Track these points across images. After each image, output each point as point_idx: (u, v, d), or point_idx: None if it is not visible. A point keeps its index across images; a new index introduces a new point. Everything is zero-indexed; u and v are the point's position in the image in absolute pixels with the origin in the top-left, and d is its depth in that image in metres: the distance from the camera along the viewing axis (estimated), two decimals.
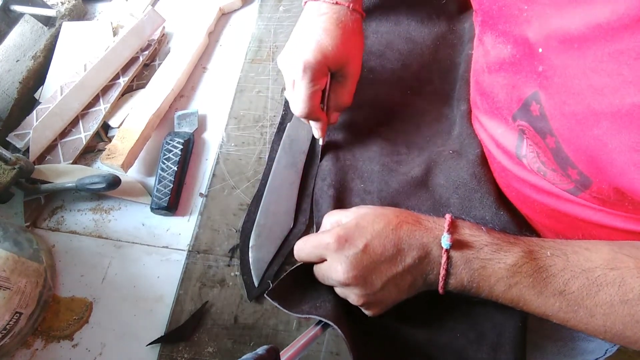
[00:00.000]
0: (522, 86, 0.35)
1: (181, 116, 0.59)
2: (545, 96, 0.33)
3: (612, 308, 0.33)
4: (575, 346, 0.54)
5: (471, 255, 0.37)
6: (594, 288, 0.33)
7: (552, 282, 0.35)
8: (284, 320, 0.46)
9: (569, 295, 0.34)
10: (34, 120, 0.60)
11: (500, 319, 0.42)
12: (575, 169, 0.32)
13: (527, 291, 0.36)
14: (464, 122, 0.51)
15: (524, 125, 0.36)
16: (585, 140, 0.30)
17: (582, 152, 0.31)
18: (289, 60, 0.47)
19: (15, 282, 0.45)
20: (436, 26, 0.60)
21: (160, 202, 0.52)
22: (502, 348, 0.41)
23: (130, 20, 0.70)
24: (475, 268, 0.37)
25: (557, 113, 0.32)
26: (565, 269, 0.35)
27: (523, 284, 0.36)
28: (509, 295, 0.37)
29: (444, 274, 0.37)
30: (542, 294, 0.35)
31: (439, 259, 0.37)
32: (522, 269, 0.36)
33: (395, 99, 0.56)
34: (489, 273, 0.37)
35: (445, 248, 0.37)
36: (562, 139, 0.32)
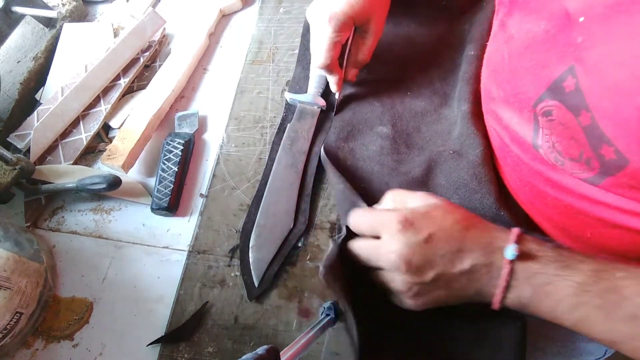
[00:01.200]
0: (554, 64, 0.34)
1: (182, 117, 0.59)
2: (582, 69, 0.31)
3: None
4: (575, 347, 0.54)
5: (536, 270, 0.34)
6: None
7: (624, 306, 0.32)
8: (284, 320, 0.46)
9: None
10: (35, 121, 0.60)
11: (500, 319, 0.42)
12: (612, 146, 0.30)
13: (595, 313, 0.33)
14: (465, 122, 0.51)
15: (553, 106, 0.34)
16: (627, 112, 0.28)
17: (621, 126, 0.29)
18: (317, 11, 0.50)
19: (15, 282, 0.45)
20: (436, 27, 0.61)
21: (160, 203, 0.52)
22: (502, 348, 0.41)
23: (131, 21, 0.70)
24: (539, 284, 0.34)
25: (596, 85, 0.30)
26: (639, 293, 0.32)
27: (590, 304, 0.33)
28: (574, 316, 0.34)
29: (504, 285, 0.35)
30: (612, 318, 0.32)
31: (500, 271, 0.35)
32: (592, 288, 0.33)
33: (395, 99, 0.56)
34: (554, 290, 0.34)
35: (509, 259, 0.35)
36: (599, 113, 0.30)
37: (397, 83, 0.57)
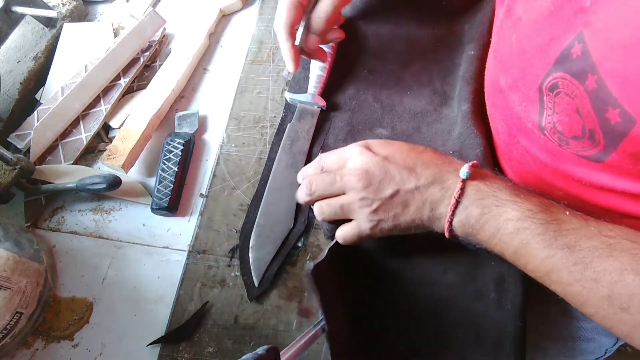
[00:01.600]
0: (562, 34, 0.34)
1: (182, 117, 0.59)
2: (589, 32, 0.31)
3: (621, 276, 0.30)
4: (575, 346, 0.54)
5: (487, 192, 0.36)
6: (606, 252, 0.31)
7: (563, 236, 0.33)
8: (284, 320, 0.46)
9: (578, 253, 0.32)
10: (35, 121, 0.60)
11: (501, 319, 0.42)
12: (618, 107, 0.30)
13: (535, 239, 0.34)
14: (465, 122, 0.51)
15: (558, 77, 0.35)
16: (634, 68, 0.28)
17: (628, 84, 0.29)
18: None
19: (15, 282, 0.45)
20: (436, 27, 0.61)
21: (160, 203, 0.52)
22: (503, 348, 0.41)
23: (131, 21, 0.70)
24: (487, 205, 0.36)
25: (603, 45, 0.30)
26: (580, 228, 0.33)
27: (533, 230, 0.34)
28: (515, 241, 0.35)
29: (454, 203, 0.37)
30: (550, 246, 0.33)
31: (453, 190, 0.37)
32: (537, 216, 0.34)
33: (394, 100, 0.56)
34: (501, 212, 0.35)
35: (462, 177, 0.37)
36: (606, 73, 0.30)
37: (397, 83, 0.57)
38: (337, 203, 0.42)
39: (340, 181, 0.41)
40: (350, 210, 0.41)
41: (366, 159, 0.40)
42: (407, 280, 0.45)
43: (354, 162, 0.41)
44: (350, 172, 0.40)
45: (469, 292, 0.43)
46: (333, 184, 0.42)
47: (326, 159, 0.44)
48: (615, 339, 0.54)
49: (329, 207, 0.42)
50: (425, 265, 0.45)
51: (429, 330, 0.43)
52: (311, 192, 0.43)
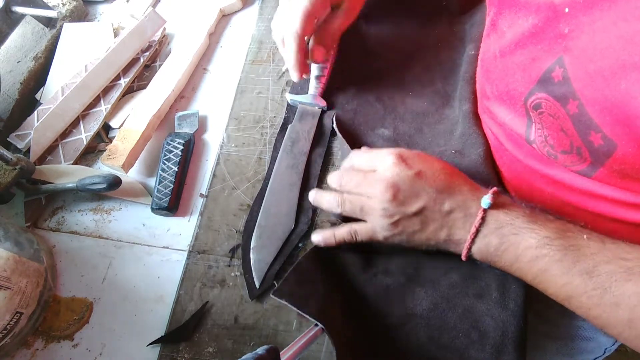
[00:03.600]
0: (543, 56, 0.35)
1: (182, 117, 0.59)
2: (570, 58, 0.32)
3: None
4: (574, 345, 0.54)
5: (506, 221, 0.37)
6: (625, 276, 0.32)
7: (582, 261, 0.33)
8: (284, 321, 0.46)
9: (597, 278, 0.32)
10: (35, 121, 0.60)
11: (504, 318, 0.42)
12: (599, 132, 0.31)
13: (554, 266, 0.34)
14: (467, 121, 0.51)
15: (542, 98, 0.35)
16: (612, 96, 0.29)
17: (607, 111, 0.30)
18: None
19: (16, 282, 0.45)
20: (437, 27, 0.61)
21: (160, 203, 0.52)
22: (506, 348, 0.41)
23: (131, 21, 0.70)
24: (506, 234, 0.36)
25: (582, 73, 0.31)
26: (598, 253, 0.33)
27: (551, 257, 0.34)
28: (534, 268, 0.35)
29: (474, 231, 0.37)
30: (569, 272, 0.34)
31: (474, 218, 0.38)
32: (554, 243, 0.35)
33: (396, 100, 0.56)
34: (519, 240, 0.36)
35: (483, 207, 0.37)
36: (586, 100, 0.31)
37: (398, 83, 0.57)
38: (359, 203, 0.42)
39: (368, 185, 0.41)
40: (370, 214, 0.41)
41: (398, 171, 0.40)
42: (409, 279, 0.45)
43: (386, 171, 0.40)
44: (380, 180, 0.40)
45: (471, 292, 0.43)
46: (361, 185, 0.42)
47: (358, 158, 0.44)
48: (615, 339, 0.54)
49: (351, 204, 0.42)
50: (427, 265, 0.45)
51: (431, 329, 0.43)
52: (341, 184, 0.43)
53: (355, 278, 0.46)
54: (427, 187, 0.39)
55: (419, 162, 0.41)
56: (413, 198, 0.39)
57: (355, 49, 0.60)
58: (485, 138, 0.49)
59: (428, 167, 0.40)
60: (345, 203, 0.42)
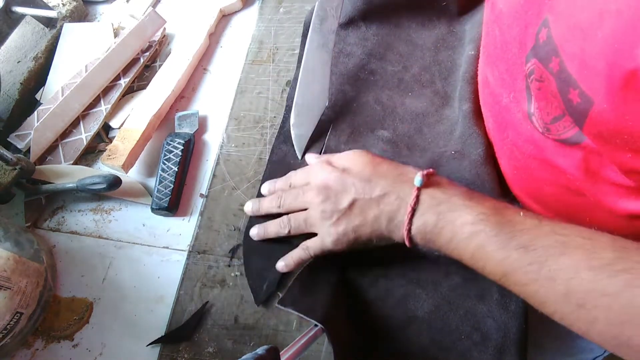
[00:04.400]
0: (534, 20, 0.35)
1: (182, 117, 0.59)
2: (553, 17, 0.32)
3: (576, 273, 0.31)
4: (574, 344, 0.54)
5: (441, 198, 0.38)
6: (560, 249, 0.32)
7: (518, 237, 0.34)
8: (284, 321, 0.46)
9: (532, 253, 0.33)
10: (35, 121, 0.60)
11: (505, 319, 0.42)
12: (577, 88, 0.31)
13: (490, 241, 0.35)
14: (466, 122, 0.51)
15: (533, 63, 0.36)
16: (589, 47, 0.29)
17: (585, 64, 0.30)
18: None
19: (16, 282, 0.45)
20: (436, 28, 0.61)
21: (160, 203, 0.52)
22: (508, 350, 0.41)
23: (131, 21, 0.70)
24: (442, 211, 0.37)
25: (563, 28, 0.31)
26: (534, 228, 0.34)
27: (487, 233, 0.35)
28: (471, 245, 0.36)
29: (410, 210, 0.38)
30: (505, 247, 0.34)
31: (408, 199, 0.39)
32: (490, 219, 0.35)
33: (396, 101, 0.56)
34: (456, 217, 0.37)
35: (416, 186, 0.38)
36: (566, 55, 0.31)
37: (398, 84, 0.57)
38: (302, 216, 0.44)
39: (303, 196, 0.44)
40: (313, 223, 0.43)
41: (326, 174, 0.43)
42: (410, 282, 0.45)
43: (315, 178, 0.43)
44: (311, 188, 0.43)
45: (472, 293, 0.43)
46: (297, 198, 0.45)
47: (294, 177, 0.47)
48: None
49: (295, 220, 0.45)
50: (428, 267, 0.45)
51: (433, 332, 0.43)
52: (279, 205, 0.46)
53: (357, 283, 0.46)
54: (354, 179, 0.41)
55: (344, 160, 0.44)
56: (343, 193, 0.41)
57: (354, 49, 0.60)
58: (485, 138, 0.49)
59: (353, 162, 0.43)
60: (290, 221, 0.45)
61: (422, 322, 0.43)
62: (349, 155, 0.44)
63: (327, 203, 0.42)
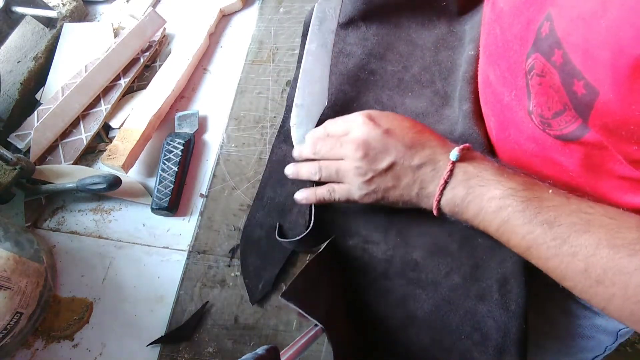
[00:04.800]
0: (536, 16, 0.36)
1: (182, 117, 0.59)
2: (555, 10, 0.33)
3: (596, 250, 0.32)
4: (574, 344, 0.54)
5: (474, 173, 0.38)
6: (584, 227, 0.33)
7: (544, 212, 0.35)
8: (284, 321, 0.46)
9: (557, 228, 0.34)
10: (35, 121, 0.60)
11: (505, 319, 0.42)
12: (582, 80, 0.31)
13: (516, 216, 0.35)
14: (467, 121, 0.51)
15: (534, 58, 0.36)
16: (593, 37, 0.29)
17: (589, 54, 0.30)
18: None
19: (16, 282, 0.45)
20: (436, 28, 0.61)
21: (160, 203, 0.52)
22: (508, 350, 0.41)
23: (131, 21, 0.70)
24: (473, 185, 0.38)
25: (566, 20, 0.32)
26: (561, 206, 0.34)
27: (514, 207, 0.36)
28: (498, 218, 0.37)
29: (442, 183, 0.39)
30: (530, 223, 0.35)
31: (443, 172, 0.39)
32: (518, 194, 0.36)
33: (396, 101, 0.56)
34: (484, 192, 0.37)
35: (452, 160, 0.39)
36: (570, 46, 0.32)
37: (398, 84, 0.57)
38: (334, 166, 0.44)
39: (340, 148, 0.43)
40: (345, 175, 0.43)
41: (368, 130, 0.42)
42: (410, 282, 0.45)
43: (356, 131, 0.42)
44: (351, 141, 0.42)
45: (472, 293, 0.43)
46: (333, 148, 0.44)
47: (332, 125, 0.46)
48: (615, 337, 0.54)
49: (327, 169, 0.44)
50: (428, 267, 0.45)
51: (433, 332, 0.43)
52: (315, 152, 0.45)
53: (357, 283, 0.46)
54: (396, 143, 0.41)
55: (387, 120, 0.43)
56: (383, 154, 0.41)
57: (355, 49, 0.60)
58: (485, 137, 0.49)
59: (397, 124, 0.42)
60: (321, 169, 0.45)
61: (422, 322, 0.43)
62: (393, 116, 0.44)
63: (364, 160, 0.41)
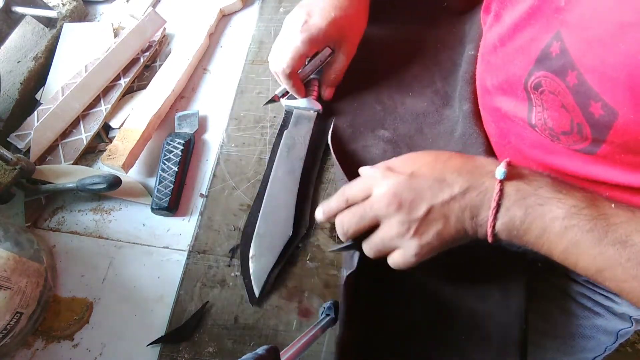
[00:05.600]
0: (541, 35, 0.34)
1: (182, 117, 0.59)
2: (567, 30, 0.32)
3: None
4: (574, 344, 0.54)
5: (528, 191, 0.34)
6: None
7: (614, 231, 0.31)
8: (284, 321, 0.46)
9: (632, 248, 0.31)
10: (35, 121, 0.60)
11: (506, 320, 0.42)
12: (599, 101, 0.30)
13: (585, 236, 0.32)
14: (467, 121, 0.51)
15: (541, 76, 0.35)
16: (611, 60, 0.28)
17: (607, 77, 0.29)
18: (293, 18, 0.52)
19: (16, 282, 0.45)
20: (437, 28, 0.61)
21: (160, 203, 0.52)
22: (509, 349, 0.41)
23: (131, 21, 0.70)
24: (530, 204, 0.34)
25: (580, 41, 0.30)
26: (629, 221, 0.32)
27: (581, 227, 0.32)
28: (564, 240, 0.33)
29: (494, 206, 0.34)
30: (601, 242, 0.32)
31: (492, 193, 0.35)
32: (583, 212, 0.32)
33: (396, 101, 0.56)
34: (545, 212, 0.33)
35: (499, 179, 0.35)
36: (585, 68, 0.30)
37: (398, 84, 0.57)
38: (378, 239, 0.38)
39: (371, 211, 0.38)
40: (392, 240, 0.38)
41: (392, 181, 0.37)
42: (411, 283, 0.45)
43: (380, 187, 0.38)
44: (379, 199, 0.37)
45: (473, 294, 0.43)
46: (364, 216, 0.38)
47: (349, 190, 0.40)
48: (615, 337, 0.54)
49: (372, 247, 0.39)
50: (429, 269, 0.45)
51: (433, 331, 0.43)
52: (345, 232, 0.40)
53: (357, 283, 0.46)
54: (427, 181, 0.37)
55: (407, 163, 0.39)
56: (418, 199, 0.36)
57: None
58: (485, 138, 0.49)
59: (419, 164, 0.38)
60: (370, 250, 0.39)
61: (422, 322, 0.43)
62: (410, 157, 0.40)
63: (401, 213, 0.36)
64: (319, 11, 0.50)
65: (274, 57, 0.52)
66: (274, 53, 0.52)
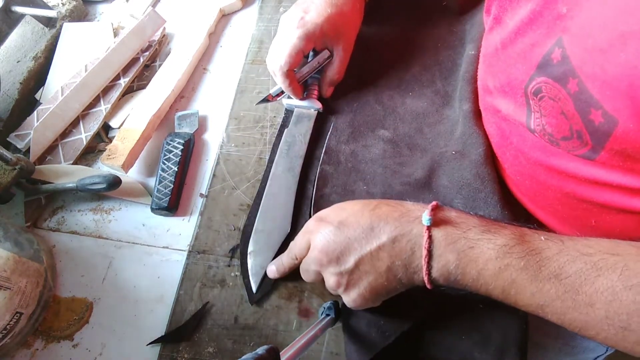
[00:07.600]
0: (542, 40, 0.35)
1: (182, 117, 0.59)
2: (568, 38, 0.32)
3: (614, 295, 0.29)
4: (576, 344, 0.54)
5: (457, 235, 0.35)
6: (593, 272, 0.30)
7: (547, 265, 0.32)
8: (284, 321, 0.46)
9: (566, 280, 0.31)
10: (35, 120, 0.60)
11: (505, 320, 0.42)
12: (600, 109, 0.30)
13: (520, 275, 0.33)
14: (467, 121, 0.51)
15: (541, 82, 0.35)
16: (612, 70, 0.29)
17: (607, 85, 0.29)
18: (290, 16, 0.52)
19: (15, 282, 0.45)
20: (437, 28, 0.61)
21: (160, 203, 0.52)
22: (509, 350, 0.41)
23: (131, 21, 0.70)
24: (461, 249, 0.34)
25: (581, 49, 0.31)
26: (560, 253, 0.32)
27: (514, 266, 0.33)
28: (500, 280, 0.33)
29: (426, 254, 0.34)
30: (536, 279, 0.32)
31: (421, 239, 0.35)
32: (514, 250, 0.33)
33: (396, 101, 0.56)
34: (477, 254, 0.34)
35: (426, 225, 0.35)
36: (586, 76, 0.30)
37: (398, 84, 0.57)
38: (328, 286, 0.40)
39: (312, 265, 0.39)
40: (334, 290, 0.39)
41: (322, 234, 0.38)
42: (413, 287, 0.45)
43: (314, 241, 0.39)
44: (314, 254, 0.39)
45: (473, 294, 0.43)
46: (309, 271, 0.40)
47: (294, 247, 0.42)
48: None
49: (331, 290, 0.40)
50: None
51: (433, 331, 0.43)
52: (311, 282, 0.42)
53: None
54: (354, 231, 0.37)
55: (336, 213, 0.39)
56: (346, 251, 0.37)
57: (355, 49, 0.60)
58: (485, 138, 0.49)
59: (348, 213, 0.38)
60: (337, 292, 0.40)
61: (422, 323, 0.43)
62: (339, 206, 0.40)
63: (333, 266, 0.37)
64: (315, 8, 0.51)
65: (271, 55, 0.53)
66: (272, 51, 0.53)
